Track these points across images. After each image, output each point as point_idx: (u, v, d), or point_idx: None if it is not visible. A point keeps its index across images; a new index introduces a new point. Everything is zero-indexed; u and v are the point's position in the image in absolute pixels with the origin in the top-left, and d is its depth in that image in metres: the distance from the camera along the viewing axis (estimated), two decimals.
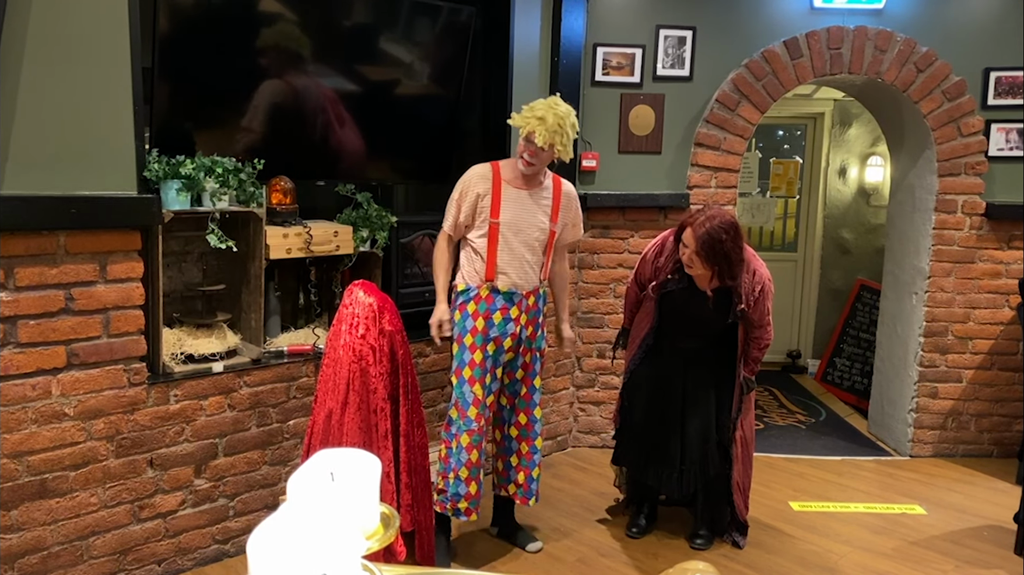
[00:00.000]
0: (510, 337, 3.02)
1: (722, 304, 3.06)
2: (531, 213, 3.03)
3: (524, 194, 3.03)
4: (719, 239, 2.86)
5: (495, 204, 3.00)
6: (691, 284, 3.07)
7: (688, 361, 3.19)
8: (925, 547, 3.36)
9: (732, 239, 2.89)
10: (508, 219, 3.00)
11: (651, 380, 3.24)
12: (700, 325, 3.14)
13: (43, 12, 2.43)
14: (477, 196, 3.00)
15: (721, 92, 4.12)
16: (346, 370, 2.70)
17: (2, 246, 2.41)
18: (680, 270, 3.07)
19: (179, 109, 3.01)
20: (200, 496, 2.97)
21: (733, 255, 2.90)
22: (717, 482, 3.22)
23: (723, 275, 2.95)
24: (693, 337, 3.19)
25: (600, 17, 4.11)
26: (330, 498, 0.95)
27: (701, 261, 2.92)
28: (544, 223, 3.06)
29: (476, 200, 3.00)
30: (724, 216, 2.94)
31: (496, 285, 3.00)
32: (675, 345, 3.20)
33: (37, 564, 2.60)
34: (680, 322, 3.17)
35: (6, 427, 2.49)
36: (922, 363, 4.33)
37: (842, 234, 6.12)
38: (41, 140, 2.47)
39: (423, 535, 2.88)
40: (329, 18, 3.33)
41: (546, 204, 3.07)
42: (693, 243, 2.91)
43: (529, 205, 3.03)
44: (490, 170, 3.04)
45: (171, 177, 2.76)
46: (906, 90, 4.11)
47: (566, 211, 3.14)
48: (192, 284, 3.23)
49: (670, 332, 3.21)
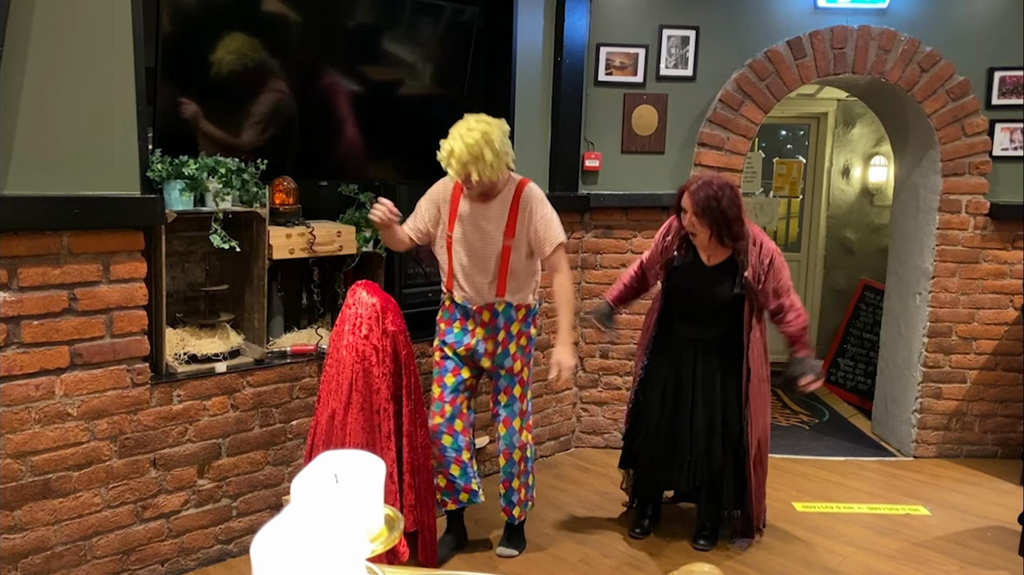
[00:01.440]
0: (464, 347, 3.03)
1: (728, 275, 3.05)
2: (482, 229, 2.93)
3: (479, 208, 2.93)
4: (715, 196, 2.91)
5: (451, 218, 2.98)
6: (696, 259, 3.09)
7: (697, 352, 3.15)
8: (929, 548, 3.35)
9: (729, 198, 2.93)
10: (459, 235, 2.96)
11: (663, 376, 3.21)
12: (707, 301, 3.09)
13: (46, 12, 2.43)
14: (438, 208, 3.00)
15: (724, 92, 4.11)
16: (349, 370, 2.70)
17: (5, 246, 2.41)
18: (685, 245, 3.10)
19: (182, 109, 3.00)
20: (203, 496, 2.97)
21: (731, 212, 2.92)
22: (722, 478, 3.18)
23: (723, 234, 2.96)
24: (701, 319, 3.14)
25: (603, 17, 4.11)
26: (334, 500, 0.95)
27: (700, 221, 2.95)
28: (496, 239, 2.93)
29: (437, 211, 3.00)
30: (720, 178, 3.02)
31: (454, 296, 3.03)
32: (684, 335, 3.17)
33: (41, 564, 2.60)
34: (687, 301, 3.14)
35: (9, 427, 2.49)
36: (926, 363, 4.32)
37: (845, 234, 6.11)
38: (44, 140, 2.47)
39: (426, 536, 2.88)
40: (332, 18, 3.32)
41: (500, 218, 2.93)
42: (691, 205, 2.96)
43: (481, 221, 2.93)
44: (451, 180, 2.93)
45: (174, 177, 2.76)
46: (910, 90, 4.10)
47: (525, 223, 2.93)
48: (195, 284, 3.23)
49: (678, 315, 3.18)
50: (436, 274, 3.74)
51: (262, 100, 3.22)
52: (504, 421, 3.09)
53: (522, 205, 2.93)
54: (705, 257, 3.09)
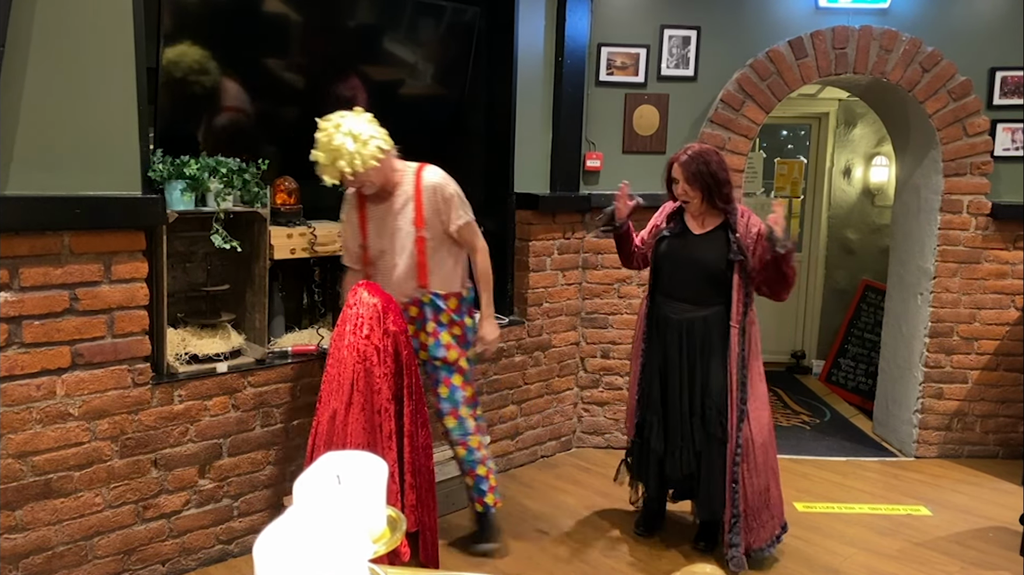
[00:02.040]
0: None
1: (717, 242, 3.04)
2: (391, 227, 2.92)
3: (383, 208, 2.92)
4: (704, 159, 3.00)
5: (362, 229, 2.96)
6: (686, 228, 3.14)
7: (683, 333, 3.07)
8: (930, 548, 3.35)
9: (716, 161, 3.02)
10: (373, 242, 2.94)
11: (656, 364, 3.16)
12: (697, 268, 3.06)
13: (47, 12, 2.43)
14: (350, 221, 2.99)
15: (725, 92, 4.11)
16: (350, 370, 2.70)
17: (7, 246, 2.42)
18: (674, 218, 3.18)
19: (183, 109, 3.01)
20: (204, 496, 2.97)
21: (720, 174, 3.00)
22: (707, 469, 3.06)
23: (714, 196, 3.01)
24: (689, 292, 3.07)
25: (604, 17, 4.11)
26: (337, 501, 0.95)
27: (691, 187, 3.02)
28: (408, 232, 2.90)
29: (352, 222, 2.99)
30: (705, 144, 3.13)
31: None
32: (671, 315, 3.10)
33: (42, 564, 2.60)
34: (676, 269, 3.10)
35: (11, 427, 2.49)
36: (927, 364, 4.32)
37: (847, 234, 6.11)
38: (46, 141, 2.47)
39: (427, 536, 2.88)
40: (333, 18, 3.32)
41: (407, 210, 2.90)
42: (681, 172, 3.04)
43: (388, 219, 2.91)
44: (355, 194, 2.94)
45: (175, 177, 2.76)
46: (911, 90, 4.10)
47: (432, 207, 2.89)
48: (196, 284, 3.23)
49: (666, 290, 3.13)
50: None
51: (262, 100, 3.22)
52: (451, 413, 3.06)
53: (425, 191, 2.88)
54: (695, 226, 3.12)
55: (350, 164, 2.70)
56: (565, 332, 4.23)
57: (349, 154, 2.69)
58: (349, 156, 2.70)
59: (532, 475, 4.03)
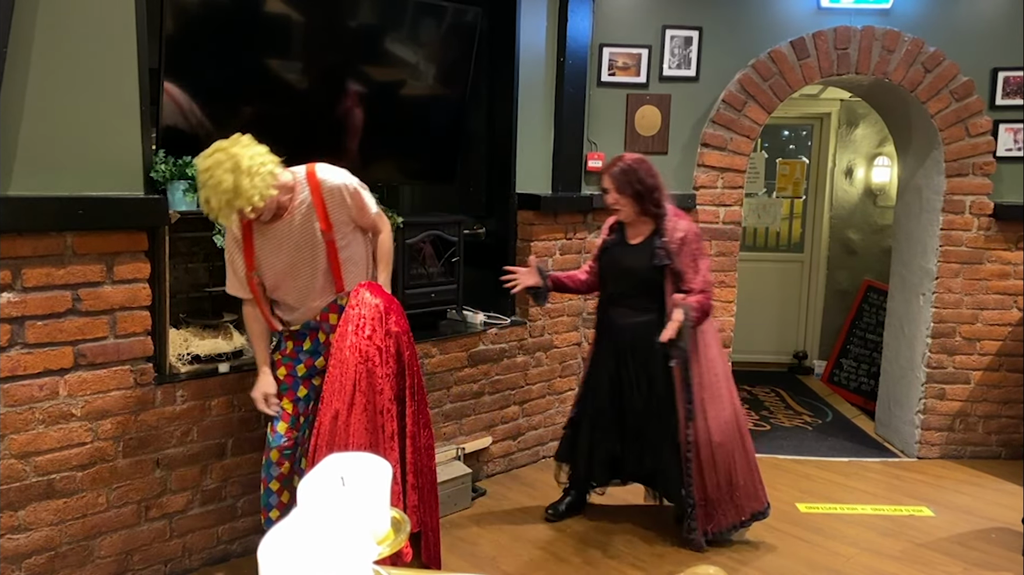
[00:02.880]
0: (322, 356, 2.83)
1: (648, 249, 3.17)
2: (294, 242, 2.67)
3: (279, 226, 2.64)
4: (631, 169, 3.12)
5: (248, 255, 2.67)
6: (623, 239, 3.27)
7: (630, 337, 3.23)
8: (932, 549, 3.35)
9: (645, 169, 3.14)
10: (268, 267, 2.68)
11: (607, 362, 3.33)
12: (632, 276, 3.21)
13: (50, 13, 2.43)
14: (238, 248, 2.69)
15: (727, 92, 4.11)
16: (352, 371, 2.69)
17: (9, 247, 2.42)
18: (614, 229, 3.32)
19: (185, 110, 3.01)
20: (207, 496, 2.97)
21: (648, 180, 3.12)
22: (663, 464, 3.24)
23: (645, 203, 3.13)
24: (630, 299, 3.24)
25: (606, 17, 4.11)
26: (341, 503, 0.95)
27: (622, 196, 3.14)
28: (316, 239, 2.68)
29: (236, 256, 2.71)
30: (633, 154, 3.25)
31: (290, 329, 2.81)
32: (618, 321, 3.28)
33: (44, 564, 2.60)
34: (616, 279, 3.28)
35: (14, 427, 2.49)
36: (929, 364, 4.32)
37: (849, 235, 6.11)
38: (48, 141, 2.47)
39: (429, 537, 2.88)
40: (335, 19, 3.32)
41: (309, 220, 2.66)
42: (611, 183, 3.16)
43: (290, 235, 2.66)
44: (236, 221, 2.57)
45: (178, 178, 2.76)
46: (914, 90, 4.10)
47: (337, 208, 2.68)
48: (198, 285, 3.23)
49: (612, 298, 3.33)
50: (440, 274, 3.75)
51: (264, 100, 3.22)
52: None
53: (326, 192, 2.67)
54: (630, 235, 3.24)
55: (248, 202, 2.40)
56: (567, 332, 4.23)
57: (245, 191, 2.39)
58: (246, 194, 2.39)
59: (534, 475, 4.03)
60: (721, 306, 4.26)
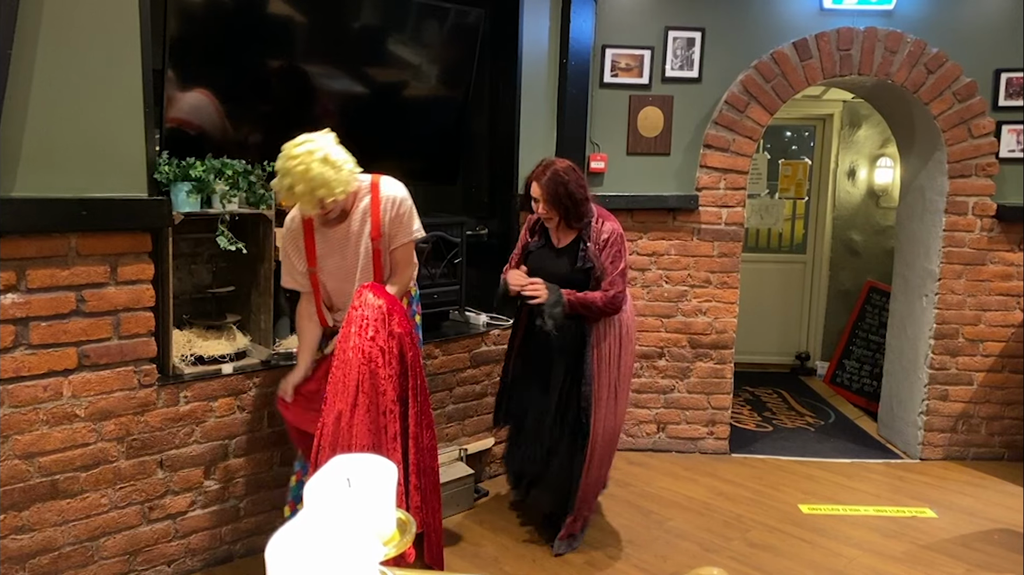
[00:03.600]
0: None
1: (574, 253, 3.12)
2: (348, 244, 2.79)
3: (340, 228, 2.78)
4: (561, 180, 3.02)
5: (309, 253, 2.79)
6: (548, 242, 3.20)
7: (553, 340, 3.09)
8: (935, 550, 3.35)
9: (575, 180, 3.05)
10: (326, 266, 2.80)
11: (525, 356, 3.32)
12: (556, 281, 3.08)
13: (54, 15, 2.43)
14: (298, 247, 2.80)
15: (730, 93, 4.11)
16: (355, 372, 2.69)
17: (14, 248, 2.42)
18: (537, 230, 3.25)
19: (189, 111, 3.01)
20: (210, 497, 2.97)
21: (577, 194, 3.04)
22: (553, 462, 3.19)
23: (570, 216, 3.07)
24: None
25: (609, 18, 4.11)
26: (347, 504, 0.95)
27: (549, 207, 3.06)
28: (365, 245, 2.79)
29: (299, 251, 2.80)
30: (563, 162, 3.12)
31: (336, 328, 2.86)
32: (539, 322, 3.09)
33: (48, 565, 2.61)
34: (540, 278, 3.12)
35: (18, 428, 2.50)
36: (932, 365, 4.31)
37: (851, 236, 6.10)
38: (52, 143, 2.48)
39: (432, 537, 2.88)
40: (338, 20, 3.33)
41: (364, 224, 2.78)
42: (541, 193, 3.06)
43: (347, 238, 2.79)
44: (298, 216, 2.75)
45: (181, 179, 2.77)
46: (916, 91, 4.09)
47: (390, 222, 2.80)
48: (202, 286, 3.23)
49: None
50: (443, 276, 3.75)
51: (268, 101, 3.23)
52: None
53: (384, 202, 2.79)
54: (556, 239, 3.19)
55: (331, 193, 2.54)
56: None
57: (329, 183, 2.52)
58: (331, 185, 2.53)
59: None
60: (724, 307, 4.27)
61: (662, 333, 4.30)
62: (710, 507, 3.71)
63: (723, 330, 4.29)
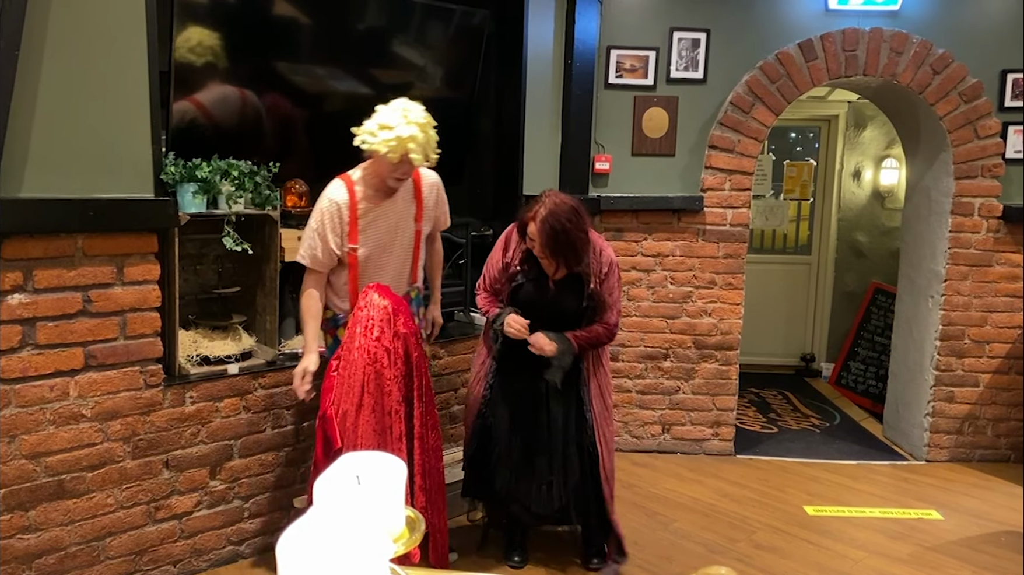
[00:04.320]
0: None
1: (574, 288, 2.92)
2: (392, 226, 2.84)
3: (385, 205, 2.82)
4: (562, 229, 2.76)
5: (353, 231, 2.79)
6: (541, 273, 2.94)
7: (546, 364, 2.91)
8: (941, 553, 3.33)
9: (576, 226, 2.79)
10: (369, 242, 2.81)
11: (513, 394, 3.02)
12: (554, 314, 2.92)
13: (61, 17, 2.44)
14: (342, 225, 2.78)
15: (735, 94, 4.11)
16: (360, 373, 2.70)
17: (21, 248, 2.43)
18: (528, 260, 2.96)
19: (195, 112, 3.02)
20: (215, 497, 2.98)
21: (579, 243, 2.81)
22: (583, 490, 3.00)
23: (570, 263, 2.84)
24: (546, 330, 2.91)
25: (614, 19, 4.11)
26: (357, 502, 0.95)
27: (548, 253, 2.82)
28: (409, 226, 2.89)
29: (342, 229, 2.78)
30: (564, 204, 2.82)
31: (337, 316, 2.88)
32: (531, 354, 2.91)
33: (54, 564, 2.61)
34: (535, 314, 2.93)
35: (24, 428, 2.50)
36: (938, 367, 4.30)
37: (856, 237, 6.09)
38: (59, 143, 2.49)
39: (437, 538, 2.88)
40: (343, 21, 3.34)
41: (409, 207, 2.89)
42: (539, 236, 2.80)
43: (391, 217, 2.84)
44: (346, 192, 2.78)
45: (187, 180, 2.77)
46: (922, 92, 4.09)
47: (432, 206, 2.95)
48: (208, 286, 3.24)
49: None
50: (448, 277, 3.75)
51: (273, 103, 3.23)
52: None
53: (426, 187, 2.93)
54: (551, 270, 2.92)
55: (435, 152, 2.72)
56: None
57: (433, 146, 2.71)
58: (433, 147, 2.71)
59: None
60: (729, 308, 4.26)
61: (667, 334, 4.29)
62: (715, 508, 3.71)
63: (728, 331, 4.29)
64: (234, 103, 3.13)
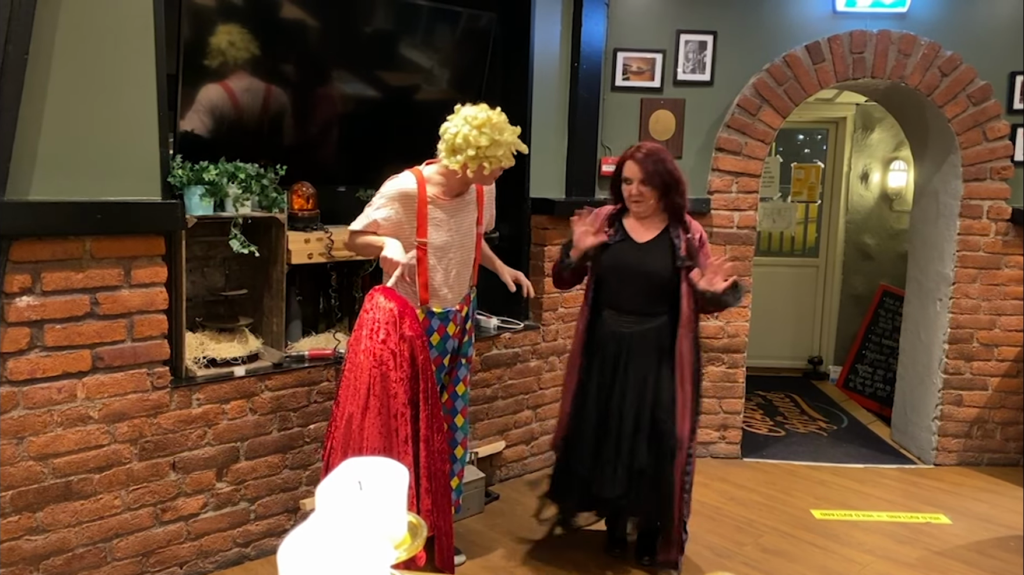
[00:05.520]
0: (449, 355, 2.97)
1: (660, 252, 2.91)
2: (460, 224, 2.89)
3: (453, 205, 2.87)
4: (661, 157, 2.88)
5: (421, 224, 2.81)
6: (627, 236, 2.96)
7: (628, 347, 2.92)
8: (950, 557, 3.32)
9: (671, 160, 2.92)
10: (438, 239, 2.84)
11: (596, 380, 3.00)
12: (644, 278, 2.91)
13: (70, 20, 2.46)
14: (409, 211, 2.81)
15: (742, 97, 4.10)
16: (367, 375, 2.70)
17: (29, 251, 2.44)
18: (614, 224, 2.98)
19: (203, 115, 3.03)
20: (221, 499, 2.98)
21: (676, 173, 2.90)
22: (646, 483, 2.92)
23: (672, 194, 2.87)
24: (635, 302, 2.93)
25: (620, 22, 4.11)
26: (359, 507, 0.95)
27: (647, 187, 2.86)
28: (472, 228, 2.95)
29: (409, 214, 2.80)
30: (656, 144, 3.00)
31: (431, 308, 2.89)
32: (614, 328, 2.95)
33: (62, 566, 2.62)
34: (622, 281, 2.93)
35: (32, 430, 2.52)
36: (946, 370, 4.28)
37: (864, 239, 6.07)
38: (67, 146, 2.50)
39: (443, 541, 2.88)
40: (350, 24, 3.34)
41: (472, 207, 2.95)
42: (637, 169, 2.87)
43: (458, 216, 2.88)
44: (415, 184, 2.81)
45: (195, 183, 2.78)
46: (930, 94, 4.07)
47: (487, 204, 3.04)
48: (215, 289, 3.25)
49: (611, 302, 2.98)
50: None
51: (280, 105, 3.24)
52: (463, 411, 3.10)
53: (486, 189, 3.00)
54: (637, 233, 2.95)
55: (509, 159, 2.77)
56: None
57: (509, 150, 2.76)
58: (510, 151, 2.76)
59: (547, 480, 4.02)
60: (736, 311, 4.25)
61: None
62: (722, 512, 3.70)
63: (735, 334, 4.27)
64: (242, 105, 3.14)
